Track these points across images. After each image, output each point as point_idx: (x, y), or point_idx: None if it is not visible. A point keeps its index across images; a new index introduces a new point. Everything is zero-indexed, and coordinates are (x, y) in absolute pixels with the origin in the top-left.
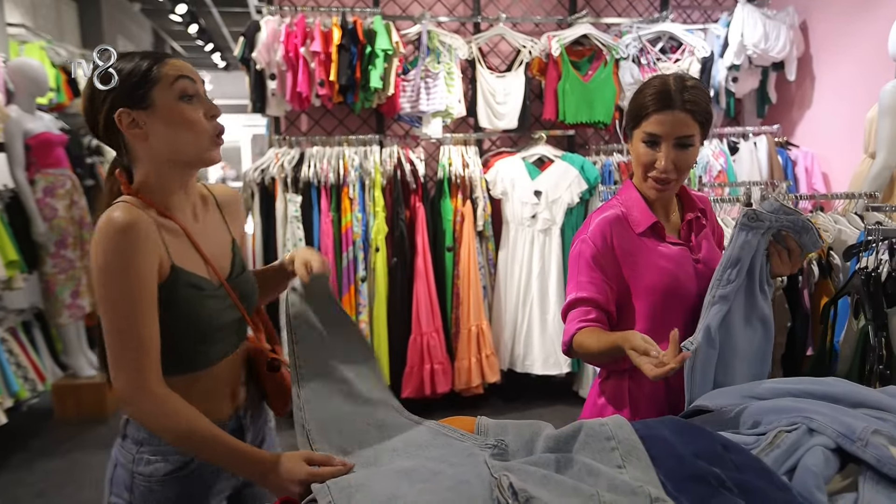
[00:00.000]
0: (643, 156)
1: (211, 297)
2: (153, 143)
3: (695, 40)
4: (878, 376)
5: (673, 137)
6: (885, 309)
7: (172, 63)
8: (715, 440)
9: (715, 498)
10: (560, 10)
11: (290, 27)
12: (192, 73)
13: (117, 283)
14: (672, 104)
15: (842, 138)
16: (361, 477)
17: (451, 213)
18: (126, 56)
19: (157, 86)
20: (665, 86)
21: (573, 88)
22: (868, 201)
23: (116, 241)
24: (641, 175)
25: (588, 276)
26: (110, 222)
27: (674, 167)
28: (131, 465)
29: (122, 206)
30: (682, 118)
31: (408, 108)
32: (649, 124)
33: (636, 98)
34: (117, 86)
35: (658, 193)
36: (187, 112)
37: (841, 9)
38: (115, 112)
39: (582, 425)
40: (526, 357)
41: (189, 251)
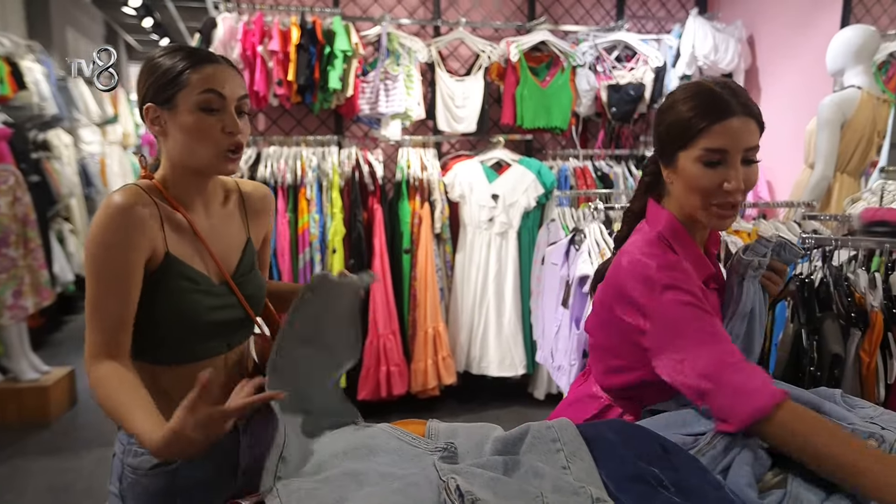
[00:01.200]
0: (702, 179)
1: (206, 292)
2: (170, 144)
3: (649, 50)
4: (810, 377)
5: (741, 150)
6: (817, 314)
7: (207, 71)
8: (655, 441)
9: (654, 497)
10: (519, 17)
11: (248, 25)
12: (224, 85)
13: (97, 258)
14: (732, 110)
15: (785, 148)
16: (310, 482)
17: (409, 216)
18: (172, 51)
19: (184, 91)
20: (713, 91)
21: (531, 94)
22: (806, 210)
23: (108, 220)
24: (700, 204)
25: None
26: (108, 203)
27: (745, 188)
28: (122, 456)
29: (127, 189)
30: (746, 125)
31: (367, 109)
32: (709, 139)
33: (673, 113)
34: (153, 79)
35: (726, 222)
36: (203, 123)
37: (785, 24)
38: (146, 104)
39: (529, 428)
40: (482, 359)
41: (192, 245)
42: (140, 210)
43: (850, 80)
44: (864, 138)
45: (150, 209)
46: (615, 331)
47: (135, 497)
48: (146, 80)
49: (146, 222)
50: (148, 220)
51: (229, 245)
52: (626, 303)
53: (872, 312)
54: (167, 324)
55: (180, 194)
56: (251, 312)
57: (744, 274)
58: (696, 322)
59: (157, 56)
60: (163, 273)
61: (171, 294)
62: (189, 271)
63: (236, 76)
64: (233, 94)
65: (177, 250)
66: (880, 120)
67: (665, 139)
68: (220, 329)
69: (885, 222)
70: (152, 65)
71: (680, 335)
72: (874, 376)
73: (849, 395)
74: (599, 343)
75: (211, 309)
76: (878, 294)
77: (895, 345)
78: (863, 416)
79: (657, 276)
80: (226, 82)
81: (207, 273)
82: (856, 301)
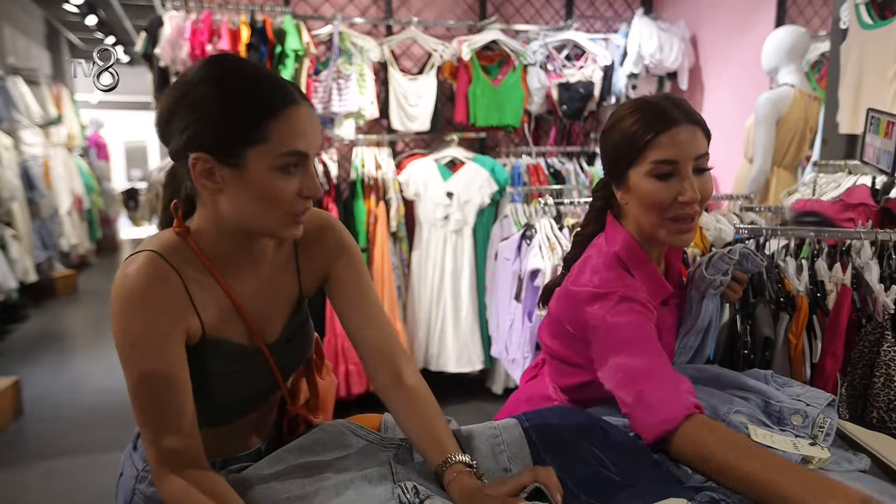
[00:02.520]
0: (657, 193)
1: (243, 371)
2: (223, 203)
3: (597, 49)
4: (744, 360)
5: (692, 158)
6: (751, 299)
7: (293, 121)
8: (596, 423)
9: (595, 476)
10: (471, 16)
11: (196, 24)
12: (309, 139)
13: (131, 360)
14: (676, 119)
15: (728, 144)
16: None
17: (365, 215)
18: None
19: (259, 147)
20: (655, 103)
21: (483, 92)
22: (743, 202)
23: (130, 305)
24: (657, 220)
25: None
26: (125, 283)
27: (702, 197)
28: (133, 482)
29: (143, 258)
30: (693, 132)
31: (320, 108)
32: (657, 151)
33: (618, 130)
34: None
35: (686, 237)
36: (279, 186)
37: (726, 24)
38: (193, 152)
39: (472, 430)
40: (440, 355)
41: (229, 312)
42: (164, 287)
43: (783, 79)
44: (798, 134)
45: (175, 284)
46: (567, 341)
47: None
48: (192, 118)
49: (174, 300)
50: (175, 298)
51: (276, 306)
52: (576, 315)
53: (798, 297)
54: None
55: (221, 255)
56: (281, 381)
57: (704, 292)
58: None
59: (208, 84)
60: (198, 353)
61: (204, 374)
62: (225, 348)
63: (316, 119)
64: (314, 146)
65: (214, 325)
66: (812, 116)
67: (613, 158)
68: (251, 399)
69: (813, 213)
70: (201, 99)
71: (617, 349)
72: (801, 357)
73: (779, 375)
74: (553, 351)
75: (244, 384)
76: (804, 279)
77: (819, 327)
78: (790, 394)
79: (603, 290)
80: (309, 134)
81: (244, 342)
82: (785, 287)
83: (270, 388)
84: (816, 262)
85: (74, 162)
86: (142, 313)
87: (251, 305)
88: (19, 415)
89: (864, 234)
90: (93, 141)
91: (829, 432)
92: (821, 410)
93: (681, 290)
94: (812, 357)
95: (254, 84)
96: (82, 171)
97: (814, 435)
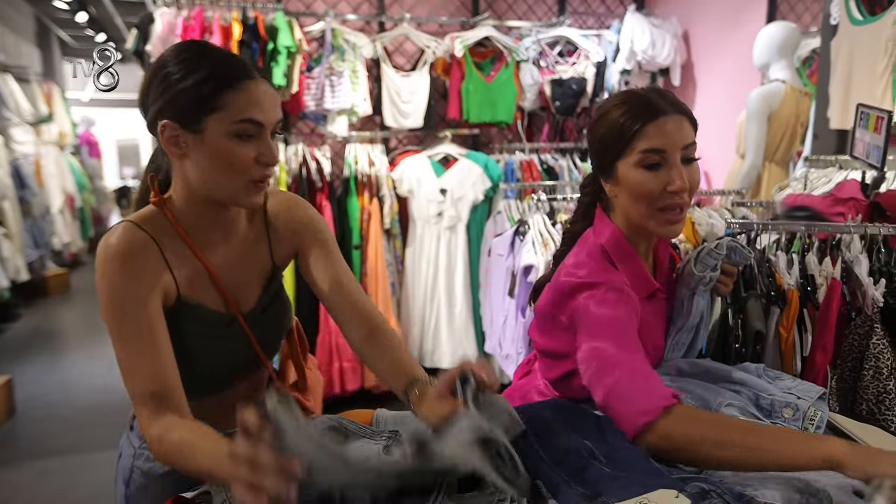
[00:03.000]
0: (646, 183)
1: (219, 337)
2: (188, 168)
3: (590, 45)
4: (736, 353)
5: (679, 148)
6: (742, 294)
7: (245, 93)
8: (588, 417)
9: (587, 468)
10: (463, 12)
11: (188, 21)
12: (264, 110)
13: (115, 318)
14: (663, 109)
15: (720, 139)
16: None
17: (358, 212)
18: (197, 56)
19: (216, 114)
20: (641, 94)
21: (476, 89)
22: (735, 198)
23: (112, 272)
24: (646, 211)
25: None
26: (106, 250)
27: (690, 187)
28: (131, 459)
29: (122, 229)
30: (680, 122)
31: (312, 105)
32: (645, 141)
33: (606, 122)
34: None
35: (675, 228)
36: (236, 151)
37: (717, 20)
38: (161, 120)
39: None
40: (434, 352)
41: (205, 279)
42: (142, 251)
43: (775, 74)
44: (789, 129)
45: (152, 252)
46: (555, 333)
47: (144, 501)
48: (161, 91)
49: (150, 263)
50: (152, 264)
51: (250, 276)
52: (564, 306)
53: (789, 291)
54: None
55: (194, 224)
56: (259, 351)
57: (694, 289)
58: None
59: (175, 62)
60: (173, 316)
61: (180, 337)
62: (201, 312)
63: (274, 94)
64: (271, 118)
65: (188, 289)
66: (803, 112)
67: (601, 151)
68: (229, 367)
69: (804, 207)
70: (167, 74)
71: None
72: (792, 350)
73: (770, 369)
74: (542, 346)
75: (221, 350)
76: (795, 273)
77: (809, 321)
78: (782, 387)
79: (589, 280)
80: (265, 106)
81: (221, 309)
82: (776, 281)
83: (252, 360)
84: (807, 257)
85: (66, 160)
86: (123, 278)
87: (225, 275)
88: (12, 414)
89: (854, 228)
90: (84, 139)
91: (819, 425)
92: (812, 403)
93: (669, 285)
94: (802, 350)
95: (214, 60)
96: (74, 170)
97: (804, 427)
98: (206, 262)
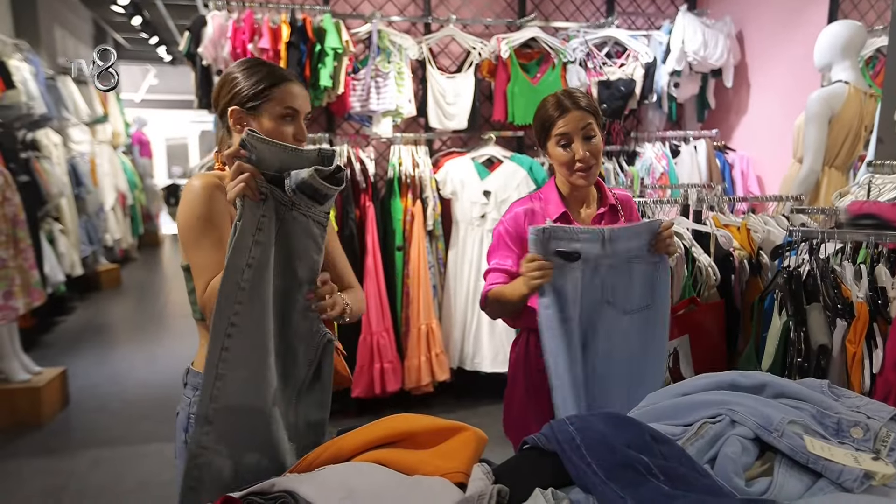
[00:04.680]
0: (563, 156)
1: None
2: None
3: (639, 46)
4: (797, 368)
5: (580, 131)
6: (804, 305)
7: (290, 90)
8: (644, 431)
9: (642, 484)
10: (509, 13)
11: (238, 23)
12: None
13: (195, 229)
14: (568, 107)
15: (775, 143)
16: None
17: (401, 213)
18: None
19: (270, 102)
20: (555, 98)
21: (522, 90)
22: (794, 204)
23: (195, 198)
24: (566, 174)
25: (504, 252)
26: (192, 185)
27: (590, 154)
28: (188, 408)
29: (204, 175)
30: (580, 115)
31: (358, 107)
32: (557, 128)
33: (537, 118)
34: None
35: (586, 181)
36: (281, 128)
37: (773, 20)
38: (230, 107)
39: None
40: (475, 355)
41: None
42: (214, 188)
43: (837, 75)
44: (852, 133)
45: (222, 190)
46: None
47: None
48: (230, 89)
49: (220, 196)
50: (222, 196)
51: None
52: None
53: (857, 303)
54: None
55: None
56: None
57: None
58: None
59: (239, 70)
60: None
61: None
62: None
63: (306, 93)
64: (304, 108)
65: None
66: (867, 114)
67: (537, 134)
68: None
69: (871, 215)
70: (234, 78)
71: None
72: (860, 366)
73: (835, 386)
74: None
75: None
76: (864, 285)
77: (880, 335)
78: (849, 405)
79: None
80: (300, 99)
81: None
82: (842, 293)
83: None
84: (877, 268)
85: (119, 159)
86: (206, 203)
87: None
88: (66, 404)
89: None
90: (136, 138)
91: (893, 447)
92: (883, 424)
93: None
94: (872, 367)
95: (263, 68)
96: (126, 168)
97: (876, 449)
98: None
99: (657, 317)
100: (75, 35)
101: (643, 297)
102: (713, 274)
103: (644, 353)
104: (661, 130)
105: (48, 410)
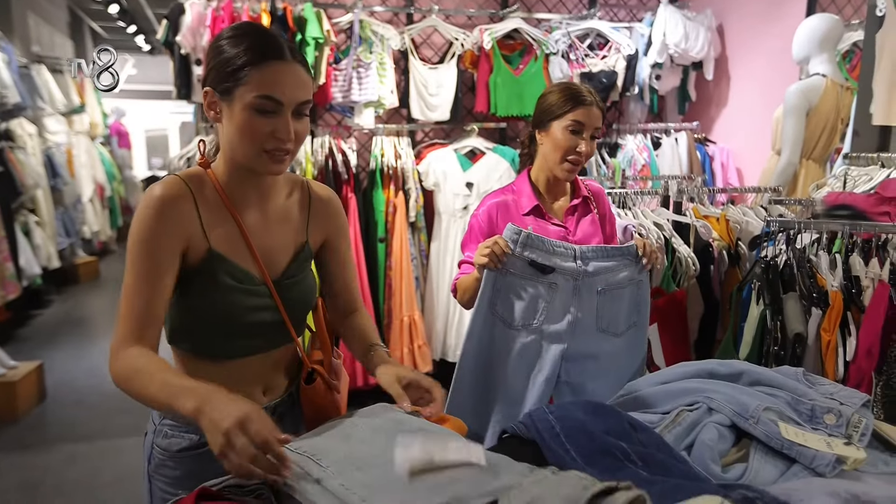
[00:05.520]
0: (567, 141)
1: (246, 291)
2: (222, 133)
3: (621, 38)
4: (773, 357)
5: (592, 128)
6: (781, 295)
7: (269, 72)
8: (622, 419)
9: (620, 470)
10: (492, 4)
11: (217, 11)
12: (284, 90)
13: (132, 251)
14: (593, 102)
15: (754, 135)
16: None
17: (384, 204)
18: (240, 35)
19: (241, 87)
20: (585, 89)
21: (504, 82)
22: (772, 195)
23: (145, 212)
24: (559, 159)
25: (475, 245)
26: (148, 194)
27: (588, 153)
28: (152, 436)
29: (166, 181)
30: (598, 114)
31: (339, 97)
32: (576, 115)
33: (556, 95)
34: (219, 61)
35: (570, 175)
36: (254, 123)
37: (753, 13)
38: (205, 87)
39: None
40: (458, 347)
41: (238, 240)
42: (176, 203)
43: (815, 68)
44: (829, 125)
45: (187, 203)
46: None
47: (162, 478)
48: (209, 62)
49: (182, 215)
50: (185, 213)
51: (282, 245)
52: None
53: (832, 292)
54: (204, 317)
55: (234, 186)
56: (287, 319)
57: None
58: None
59: (225, 37)
60: (204, 267)
61: (210, 289)
62: (232, 268)
63: (301, 76)
64: (292, 99)
65: (220, 245)
66: (844, 107)
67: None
68: (255, 329)
69: (846, 206)
70: (217, 47)
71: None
72: (834, 354)
73: (810, 373)
74: None
75: (248, 309)
76: (839, 275)
77: (853, 324)
78: (823, 392)
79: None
80: (286, 87)
81: (251, 269)
82: (817, 282)
83: (281, 329)
84: (851, 257)
85: (97, 150)
86: (153, 221)
87: (257, 240)
88: (42, 399)
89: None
90: (114, 129)
91: (864, 432)
92: (856, 410)
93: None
94: (846, 355)
95: (253, 40)
96: (104, 160)
97: (848, 434)
98: (240, 221)
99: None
100: (50, 23)
101: (629, 316)
102: (693, 264)
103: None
104: (642, 122)
105: (24, 405)
